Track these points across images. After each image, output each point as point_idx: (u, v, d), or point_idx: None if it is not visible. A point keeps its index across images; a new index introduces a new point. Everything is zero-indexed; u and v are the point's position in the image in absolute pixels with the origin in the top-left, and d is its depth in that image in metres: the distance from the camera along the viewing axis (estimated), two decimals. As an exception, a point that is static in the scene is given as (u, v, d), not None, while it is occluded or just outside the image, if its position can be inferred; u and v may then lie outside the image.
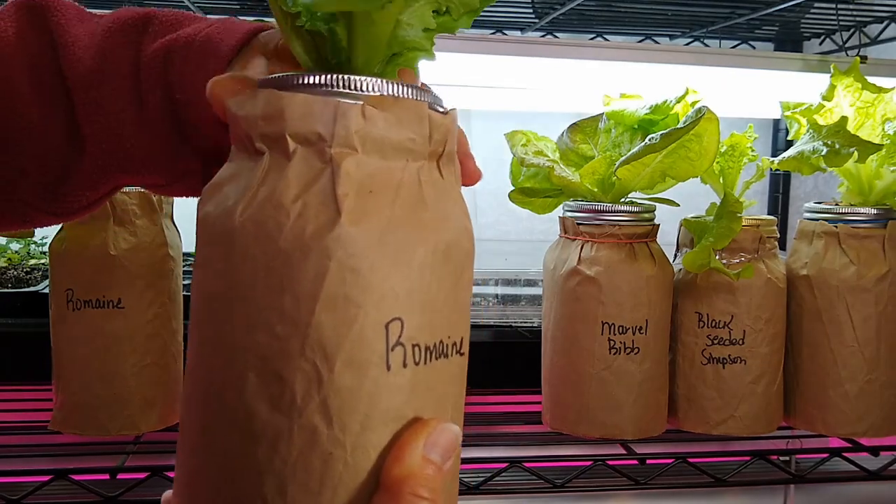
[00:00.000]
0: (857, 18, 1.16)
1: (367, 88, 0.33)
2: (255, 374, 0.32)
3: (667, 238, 0.80)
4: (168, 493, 0.35)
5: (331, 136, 0.32)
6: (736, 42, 1.36)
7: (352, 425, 0.31)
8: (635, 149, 0.72)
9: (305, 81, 0.33)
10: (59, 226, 0.74)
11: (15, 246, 1.20)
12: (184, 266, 0.79)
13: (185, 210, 0.68)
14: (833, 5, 1.11)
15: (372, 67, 0.37)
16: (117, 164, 0.42)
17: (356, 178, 0.32)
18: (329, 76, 0.33)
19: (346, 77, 0.33)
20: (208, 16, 1.17)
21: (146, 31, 0.43)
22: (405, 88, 0.34)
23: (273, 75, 0.35)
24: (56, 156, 0.42)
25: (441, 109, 0.36)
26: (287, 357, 0.32)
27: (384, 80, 0.34)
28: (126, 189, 0.72)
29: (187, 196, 0.46)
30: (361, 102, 0.32)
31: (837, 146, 0.73)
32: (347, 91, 0.33)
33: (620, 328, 0.76)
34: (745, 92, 1.06)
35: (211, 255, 0.34)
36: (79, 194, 0.43)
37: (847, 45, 1.20)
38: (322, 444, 0.31)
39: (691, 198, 0.82)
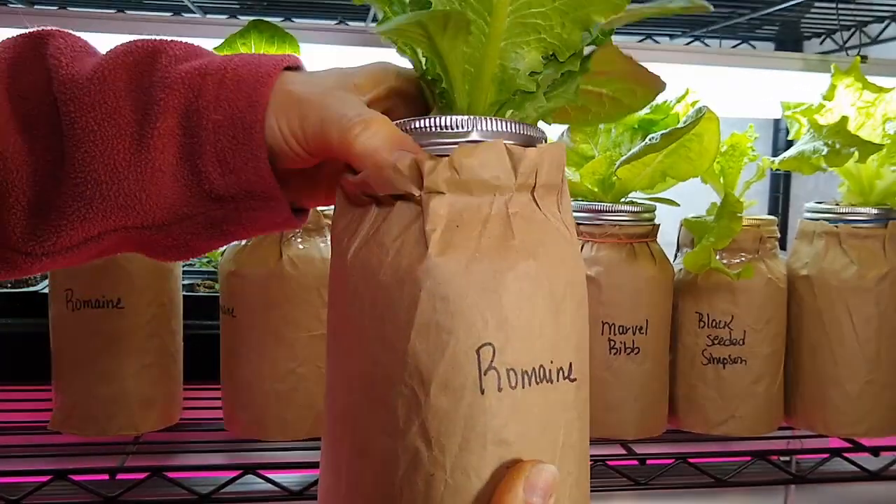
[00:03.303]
0: (858, 18, 1.16)
1: (457, 126, 0.36)
2: (367, 401, 0.35)
3: (667, 238, 0.80)
4: None
5: (421, 188, 0.35)
6: (736, 42, 1.35)
7: (450, 447, 0.33)
8: (635, 148, 0.72)
9: (407, 127, 0.37)
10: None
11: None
12: (183, 266, 0.79)
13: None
14: (833, 5, 1.10)
15: (478, 111, 0.39)
16: (104, 197, 0.38)
17: (444, 215, 0.35)
18: (421, 121, 0.37)
19: (436, 120, 0.36)
20: (207, 15, 1.16)
21: (159, 54, 0.40)
22: (494, 123, 0.36)
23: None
24: (37, 185, 0.39)
25: (539, 144, 0.37)
26: (389, 383, 0.34)
27: (469, 118, 0.36)
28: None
29: (174, 253, 0.42)
30: (447, 157, 0.35)
31: (838, 146, 0.73)
32: (443, 131, 0.36)
33: (620, 328, 0.76)
34: (745, 92, 1.06)
35: (332, 294, 0.38)
36: (60, 233, 0.39)
37: (847, 45, 1.20)
38: (424, 465, 0.33)
39: (692, 198, 0.82)
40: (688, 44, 1.30)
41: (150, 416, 0.76)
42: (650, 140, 0.70)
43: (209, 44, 0.69)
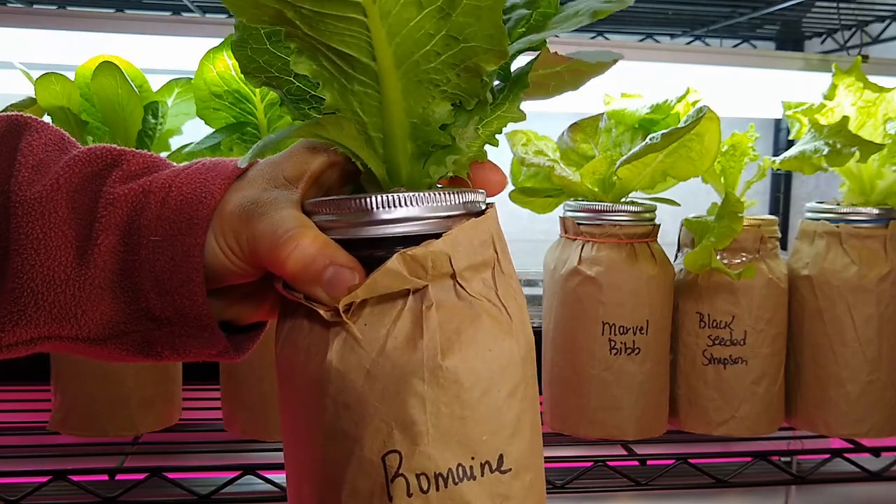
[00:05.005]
0: (859, 17, 1.16)
1: (362, 207, 0.35)
2: (293, 495, 0.37)
3: (668, 238, 0.80)
4: None
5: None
6: (737, 41, 1.35)
7: None
8: (636, 148, 0.72)
9: (317, 210, 0.37)
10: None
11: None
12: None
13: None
14: (834, 4, 1.10)
15: (401, 171, 0.38)
16: (39, 307, 0.38)
17: (351, 317, 0.34)
18: (328, 205, 0.36)
19: (344, 203, 0.35)
20: (206, 15, 1.16)
21: (114, 168, 0.39)
22: (397, 200, 0.35)
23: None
24: None
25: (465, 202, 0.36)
26: (310, 481, 0.35)
27: (372, 198, 0.35)
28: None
29: (108, 360, 0.41)
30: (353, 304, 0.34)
31: (839, 146, 0.73)
32: (348, 214, 0.35)
33: (621, 328, 0.75)
34: (746, 91, 1.06)
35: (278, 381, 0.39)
36: None
37: (848, 45, 1.20)
38: None
39: (692, 197, 0.82)
40: (688, 43, 1.31)
41: (149, 416, 0.75)
42: (651, 140, 0.70)
43: (209, 43, 0.69)
